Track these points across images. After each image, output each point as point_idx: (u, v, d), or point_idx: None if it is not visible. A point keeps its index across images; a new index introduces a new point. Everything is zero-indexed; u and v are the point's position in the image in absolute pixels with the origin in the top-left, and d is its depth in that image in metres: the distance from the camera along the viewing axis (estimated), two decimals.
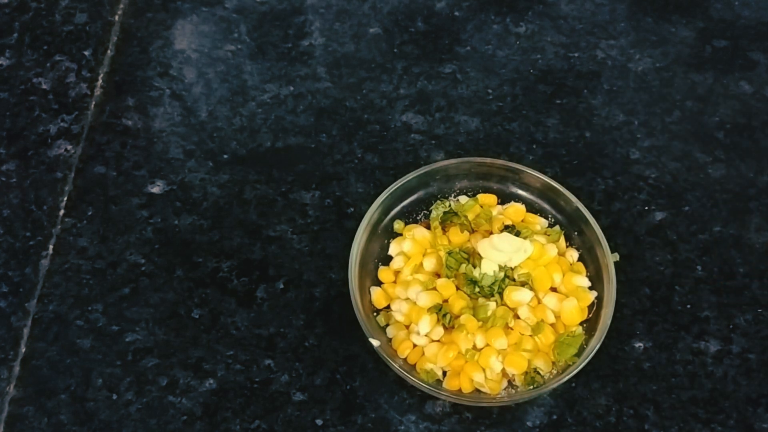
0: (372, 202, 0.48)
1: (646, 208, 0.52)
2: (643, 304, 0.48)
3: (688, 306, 0.48)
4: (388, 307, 0.47)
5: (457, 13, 0.60)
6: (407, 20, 0.60)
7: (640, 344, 0.47)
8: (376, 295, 0.48)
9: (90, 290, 0.49)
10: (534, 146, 0.54)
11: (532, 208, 0.50)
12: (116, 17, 0.60)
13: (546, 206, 0.50)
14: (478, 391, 0.44)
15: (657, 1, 0.61)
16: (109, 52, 0.58)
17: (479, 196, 0.50)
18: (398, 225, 0.50)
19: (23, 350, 0.47)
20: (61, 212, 0.52)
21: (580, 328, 0.46)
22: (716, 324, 0.48)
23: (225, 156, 0.54)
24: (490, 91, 0.56)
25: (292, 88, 0.57)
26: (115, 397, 0.46)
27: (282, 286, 0.49)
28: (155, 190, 0.53)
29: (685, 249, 0.50)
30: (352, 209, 0.52)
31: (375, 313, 0.47)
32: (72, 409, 0.46)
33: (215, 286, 0.49)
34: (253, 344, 0.47)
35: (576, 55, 0.58)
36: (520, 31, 0.59)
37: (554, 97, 0.56)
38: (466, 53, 0.58)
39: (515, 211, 0.49)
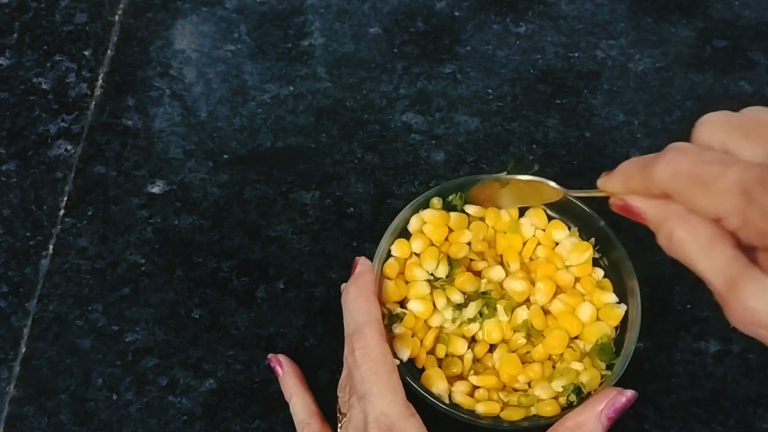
0: (372, 202, 0.48)
1: None
2: (643, 304, 0.48)
3: (688, 306, 0.48)
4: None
5: (457, 13, 0.60)
6: (407, 20, 0.60)
7: (640, 344, 0.47)
8: (388, 290, 0.44)
9: (90, 290, 0.49)
10: (534, 146, 0.54)
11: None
12: (116, 17, 0.60)
13: (569, 223, 0.48)
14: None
15: (657, 1, 0.61)
16: (109, 52, 0.58)
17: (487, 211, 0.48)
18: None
19: (23, 350, 0.47)
20: (61, 212, 0.52)
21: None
22: (716, 324, 0.48)
23: (225, 156, 0.54)
24: (490, 91, 0.56)
25: (292, 88, 0.57)
26: (115, 397, 0.46)
27: (282, 286, 0.49)
28: (155, 190, 0.53)
29: None
30: (352, 209, 0.52)
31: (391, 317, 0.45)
32: (72, 409, 0.46)
33: (215, 286, 0.49)
34: (253, 344, 0.47)
35: (576, 55, 0.58)
36: (520, 31, 0.59)
37: (554, 97, 0.56)
38: (466, 53, 0.58)
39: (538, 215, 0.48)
